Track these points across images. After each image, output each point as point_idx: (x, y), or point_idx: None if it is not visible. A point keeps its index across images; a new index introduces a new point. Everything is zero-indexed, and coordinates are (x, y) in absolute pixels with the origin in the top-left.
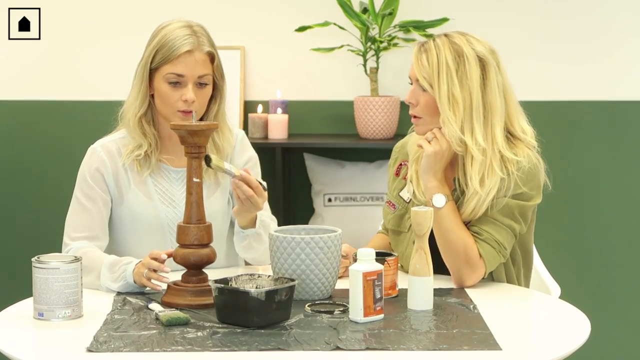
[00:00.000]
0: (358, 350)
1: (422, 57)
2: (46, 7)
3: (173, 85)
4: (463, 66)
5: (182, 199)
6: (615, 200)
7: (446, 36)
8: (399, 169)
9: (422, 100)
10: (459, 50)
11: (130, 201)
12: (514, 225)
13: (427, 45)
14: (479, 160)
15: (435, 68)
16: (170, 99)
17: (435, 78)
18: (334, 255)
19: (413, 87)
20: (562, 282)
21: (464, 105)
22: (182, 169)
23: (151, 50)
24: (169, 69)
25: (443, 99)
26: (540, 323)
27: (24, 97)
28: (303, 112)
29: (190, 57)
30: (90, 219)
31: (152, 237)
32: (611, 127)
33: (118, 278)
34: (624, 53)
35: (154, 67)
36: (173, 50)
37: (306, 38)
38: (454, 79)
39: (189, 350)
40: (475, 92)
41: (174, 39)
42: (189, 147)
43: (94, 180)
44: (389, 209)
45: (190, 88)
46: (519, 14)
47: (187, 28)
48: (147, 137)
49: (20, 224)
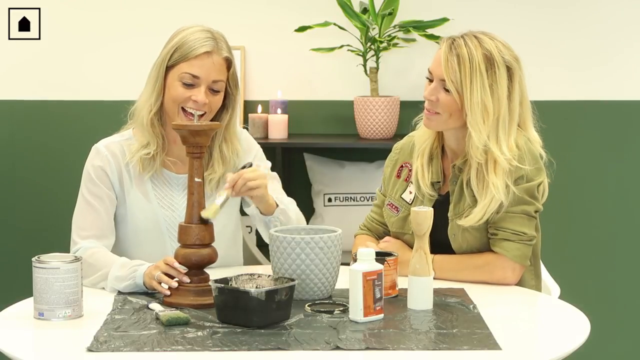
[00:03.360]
0: (358, 350)
1: (452, 58)
2: (46, 7)
3: (186, 86)
4: (494, 74)
5: (181, 203)
6: (616, 200)
7: (476, 38)
8: (400, 171)
9: (443, 99)
10: (490, 57)
11: (131, 203)
12: (527, 208)
13: (457, 47)
14: (506, 169)
15: (467, 74)
16: (180, 96)
17: (467, 84)
18: (334, 255)
19: (435, 84)
20: (562, 282)
21: (493, 115)
22: (183, 176)
23: (170, 48)
24: (185, 67)
25: (474, 106)
26: (540, 323)
27: (24, 97)
28: (303, 112)
29: (208, 59)
30: (98, 217)
31: (151, 240)
32: (611, 127)
33: (127, 277)
34: (624, 53)
35: (170, 64)
36: (192, 50)
37: (306, 38)
38: (485, 87)
39: (189, 350)
40: (504, 101)
41: (194, 39)
42: (190, 147)
43: (99, 178)
44: (391, 212)
45: (203, 90)
46: (519, 14)
47: (207, 32)
48: (156, 137)
49: (20, 224)
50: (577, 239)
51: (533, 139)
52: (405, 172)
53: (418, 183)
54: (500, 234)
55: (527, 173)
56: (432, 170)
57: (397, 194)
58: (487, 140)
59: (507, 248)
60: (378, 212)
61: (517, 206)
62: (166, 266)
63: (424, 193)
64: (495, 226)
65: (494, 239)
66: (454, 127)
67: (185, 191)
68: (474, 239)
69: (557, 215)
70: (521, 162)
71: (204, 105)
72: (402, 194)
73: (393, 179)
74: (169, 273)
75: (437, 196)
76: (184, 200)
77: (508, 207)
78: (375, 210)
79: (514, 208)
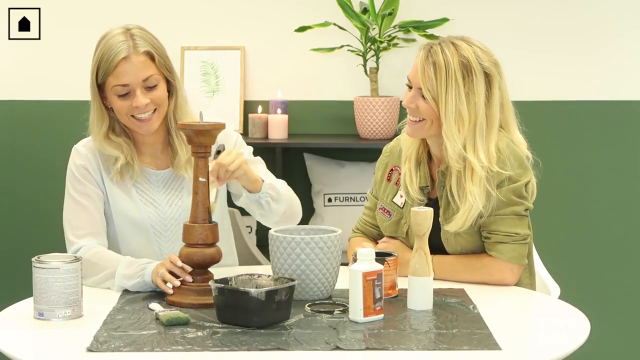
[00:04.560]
0: (358, 350)
1: (429, 67)
2: (46, 7)
3: (123, 97)
4: (470, 82)
5: (163, 199)
6: (615, 200)
7: (453, 45)
8: (390, 174)
9: (422, 107)
10: (467, 64)
11: (114, 200)
12: (517, 209)
13: (434, 55)
14: (482, 177)
15: (443, 83)
16: (123, 109)
17: (442, 93)
18: (334, 255)
19: (413, 92)
20: (562, 282)
21: (469, 122)
22: (163, 171)
23: (94, 66)
24: (112, 81)
25: (449, 115)
26: (540, 323)
27: (24, 97)
28: (303, 112)
29: (127, 64)
30: (89, 215)
31: (137, 236)
32: (611, 127)
33: (135, 275)
34: (624, 53)
35: (99, 82)
36: (110, 61)
37: (306, 38)
38: (461, 95)
39: (189, 350)
40: (481, 108)
41: (109, 48)
42: (195, 146)
43: (84, 177)
44: (383, 217)
45: (139, 94)
46: (519, 15)
47: (122, 34)
48: (121, 147)
49: (20, 224)
50: (577, 239)
51: (517, 141)
52: (395, 176)
53: (407, 188)
54: (493, 237)
55: (511, 175)
56: (420, 175)
57: (389, 198)
58: (461, 150)
59: (502, 251)
60: (370, 215)
61: (506, 208)
62: (171, 264)
63: (413, 198)
64: (488, 230)
65: (488, 243)
66: (435, 134)
67: (165, 187)
68: (468, 243)
69: (557, 215)
70: (502, 166)
71: (146, 106)
72: (392, 198)
73: (384, 183)
74: (173, 271)
75: (427, 200)
76: (165, 196)
77: (497, 210)
78: (368, 213)
79: (503, 210)
